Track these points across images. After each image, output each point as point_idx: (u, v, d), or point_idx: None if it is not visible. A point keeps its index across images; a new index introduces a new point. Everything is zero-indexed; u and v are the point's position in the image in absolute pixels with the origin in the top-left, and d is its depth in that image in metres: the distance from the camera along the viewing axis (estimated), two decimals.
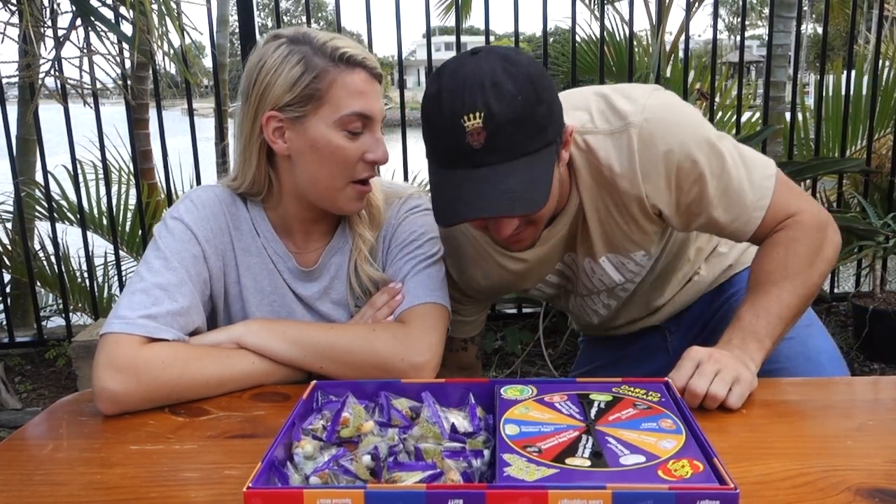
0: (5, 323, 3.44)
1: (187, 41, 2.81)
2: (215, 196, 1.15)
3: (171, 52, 2.71)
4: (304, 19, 3.72)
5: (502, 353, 3.26)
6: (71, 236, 3.50)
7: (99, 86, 2.94)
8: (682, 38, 3.48)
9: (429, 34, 3.19)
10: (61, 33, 2.67)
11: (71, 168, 3.21)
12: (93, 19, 2.50)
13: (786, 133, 3.50)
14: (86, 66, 2.80)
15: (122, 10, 2.75)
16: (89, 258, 3.33)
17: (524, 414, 0.82)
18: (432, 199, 1.03)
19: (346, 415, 0.84)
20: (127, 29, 2.79)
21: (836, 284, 3.70)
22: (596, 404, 0.84)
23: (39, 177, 3.30)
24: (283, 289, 1.17)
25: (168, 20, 2.56)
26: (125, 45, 2.75)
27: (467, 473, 0.73)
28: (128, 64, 3.06)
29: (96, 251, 3.43)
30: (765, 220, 1.12)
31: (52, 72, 2.74)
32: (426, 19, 3.19)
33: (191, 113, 3.19)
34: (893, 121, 3.61)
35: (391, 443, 0.79)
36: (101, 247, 3.53)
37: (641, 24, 12.49)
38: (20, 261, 3.33)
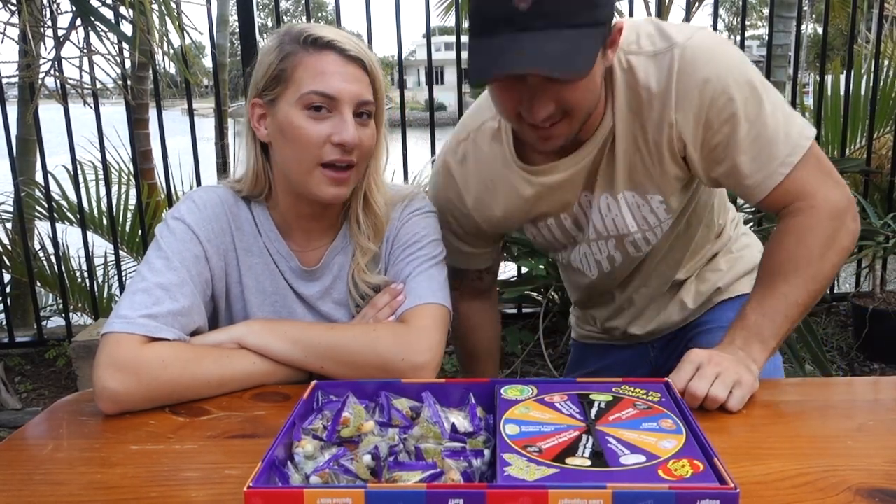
0: (5, 323, 3.44)
1: (187, 41, 2.81)
2: (217, 197, 1.15)
3: (171, 52, 2.71)
4: (304, 19, 3.72)
5: (502, 353, 3.26)
6: (71, 236, 3.51)
7: (99, 86, 2.94)
8: None
9: (429, 34, 3.19)
10: (61, 33, 2.67)
11: (71, 168, 3.21)
12: (93, 19, 2.50)
13: None
14: (86, 66, 2.81)
15: (122, 10, 2.76)
16: (89, 258, 3.33)
17: (524, 414, 0.82)
18: (469, 63, 0.99)
19: (346, 415, 0.84)
20: (127, 29, 2.79)
21: (836, 284, 3.70)
22: (596, 404, 0.84)
23: (39, 177, 3.30)
24: (284, 289, 1.17)
25: (168, 20, 2.56)
26: (125, 45, 2.75)
27: (467, 473, 0.74)
28: (128, 64, 3.07)
29: (96, 251, 3.43)
30: (784, 184, 1.07)
31: (52, 72, 2.74)
32: (426, 19, 3.20)
33: (191, 113, 3.19)
34: (893, 121, 3.61)
35: (391, 442, 0.79)
36: (101, 247, 3.54)
37: None
38: (20, 261, 3.34)
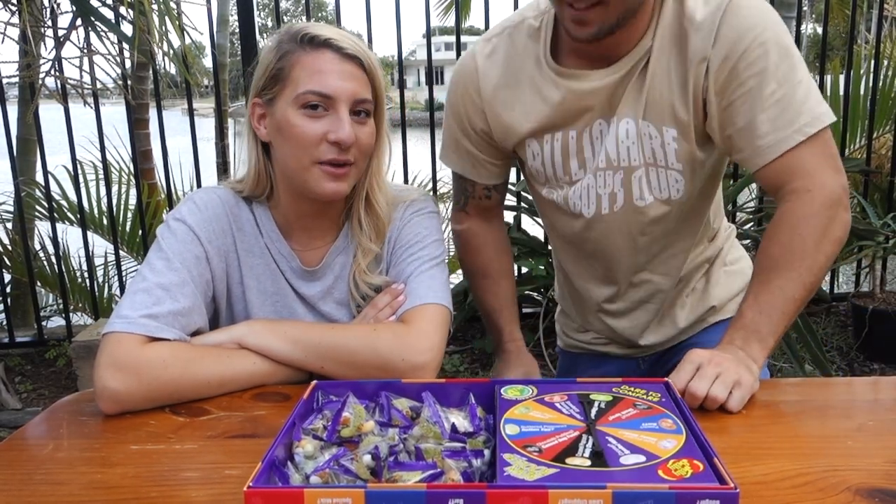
0: (5, 323, 3.44)
1: (187, 41, 2.82)
2: (218, 197, 1.15)
3: (171, 52, 2.71)
4: (304, 19, 3.73)
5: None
6: (71, 236, 3.51)
7: (99, 86, 2.94)
8: None
9: (429, 34, 3.19)
10: (61, 33, 2.67)
11: (71, 168, 3.21)
12: (93, 19, 2.50)
13: None
14: (86, 66, 2.81)
15: (123, 10, 2.76)
16: (89, 258, 3.34)
17: (524, 414, 0.82)
18: None
19: (346, 414, 0.84)
20: (127, 29, 2.80)
21: (836, 284, 3.71)
22: (596, 404, 0.84)
23: (39, 177, 3.31)
24: (285, 289, 1.17)
25: (168, 20, 2.56)
26: (125, 45, 2.75)
27: (467, 473, 0.74)
28: (128, 64, 3.07)
29: (96, 251, 3.44)
30: (792, 154, 1.07)
31: (53, 72, 2.75)
32: (426, 19, 3.20)
33: (191, 113, 3.19)
34: (893, 121, 3.61)
35: (391, 442, 0.79)
36: (101, 247, 3.54)
37: None
38: (20, 261, 3.34)
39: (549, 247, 1.53)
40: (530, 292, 3.12)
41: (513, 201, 3.09)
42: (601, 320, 1.42)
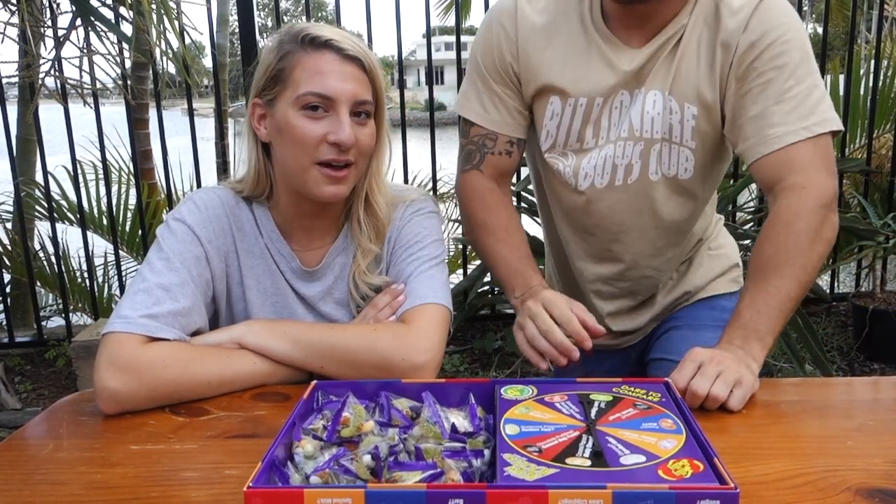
0: (5, 323, 3.45)
1: (187, 41, 2.81)
2: (218, 198, 1.15)
3: (171, 52, 2.71)
4: (304, 19, 3.73)
5: (502, 353, 3.26)
6: (71, 236, 3.51)
7: (99, 86, 2.94)
8: None
9: (429, 34, 3.19)
10: (61, 33, 2.67)
11: (71, 168, 3.21)
12: (93, 19, 2.50)
13: None
14: (86, 66, 2.81)
15: (122, 10, 2.76)
16: (89, 258, 3.34)
17: (524, 414, 0.82)
18: None
19: (346, 414, 0.84)
20: (127, 29, 2.80)
21: (837, 284, 3.70)
22: (596, 404, 0.84)
23: (39, 177, 3.31)
24: (285, 289, 1.17)
25: (167, 20, 2.56)
26: (125, 45, 2.75)
27: (467, 473, 0.74)
28: (127, 64, 3.07)
29: (96, 251, 3.44)
30: (795, 148, 1.10)
31: (52, 72, 2.75)
32: (426, 19, 3.20)
33: (191, 113, 3.19)
34: (893, 121, 3.61)
35: (391, 442, 0.79)
36: (101, 247, 3.54)
37: None
38: (20, 261, 3.34)
39: (542, 226, 1.48)
40: None
41: (512, 201, 3.08)
42: (590, 301, 1.40)
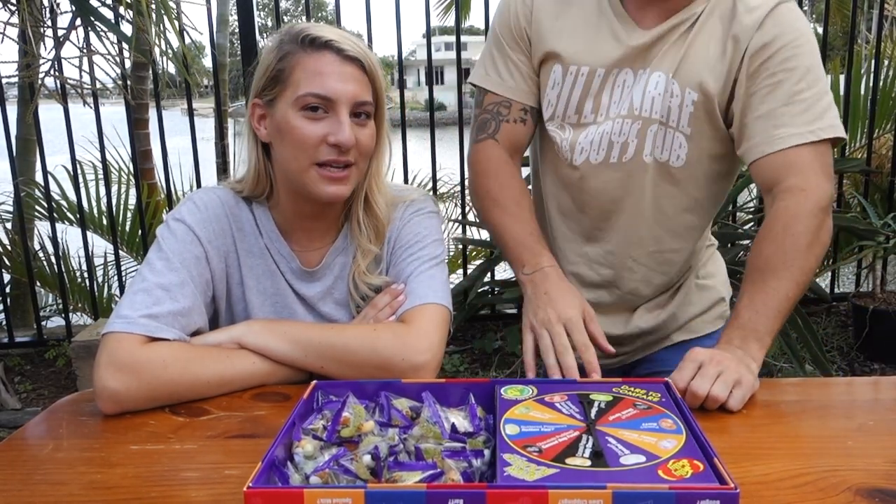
0: (5, 323, 3.45)
1: (187, 41, 2.82)
2: (218, 198, 1.15)
3: (170, 52, 2.71)
4: (304, 19, 3.72)
5: (502, 353, 3.26)
6: (71, 236, 3.51)
7: (99, 86, 2.95)
8: None
9: (429, 34, 3.19)
10: (61, 33, 2.67)
11: (71, 168, 3.21)
12: (92, 19, 2.50)
13: None
14: (86, 66, 2.81)
15: (122, 10, 2.76)
16: (89, 258, 3.34)
17: (524, 414, 0.82)
18: None
19: (346, 414, 0.84)
20: (127, 29, 2.80)
21: (837, 284, 3.70)
22: (596, 404, 0.84)
23: (39, 177, 3.31)
24: (285, 289, 1.17)
25: (166, 20, 2.56)
26: (125, 45, 2.75)
27: (467, 473, 0.74)
28: (127, 64, 3.07)
29: (96, 251, 3.44)
30: (797, 151, 1.12)
31: (52, 72, 2.75)
32: (426, 19, 3.20)
33: (191, 113, 3.19)
34: (893, 121, 3.61)
35: (391, 442, 0.79)
36: (101, 247, 3.54)
37: None
38: (20, 261, 3.34)
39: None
40: None
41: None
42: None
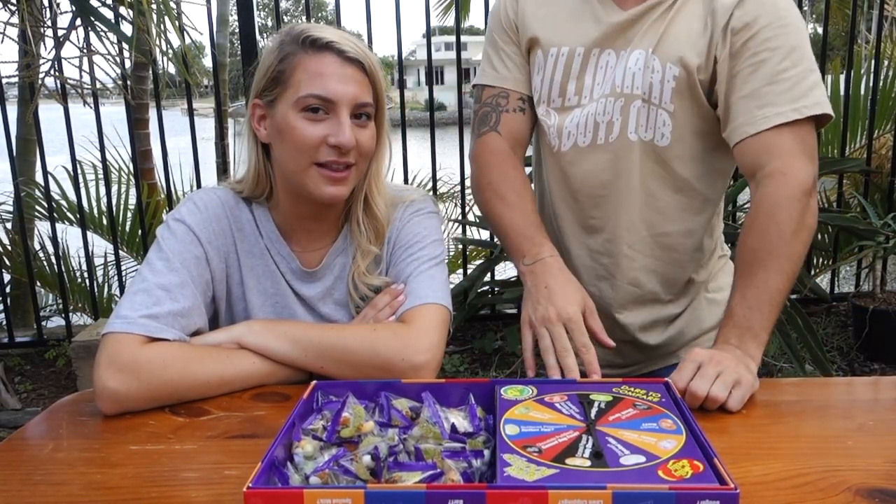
0: (5, 323, 3.45)
1: (187, 41, 2.82)
2: (218, 198, 1.15)
3: (170, 52, 2.71)
4: (304, 19, 3.72)
5: (502, 353, 3.26)
6: (71, 236, 3.51)
7: (99, 86, 2.95)
8: None
9: (429, 34, 3.19)
10: (61, 33, 2.67)
11: (71, 168, 3.21)
12: (92, 19, 2.50)
13: None
14: (86, 66, 2.81)
15: (122, 10, 2.76)
16: (89, 258, 3.34)
17: (524, 414, 0.82)
18: None
19: (346, 415, 0.84)
20: (127, 29, 2.80)
21: (837, 284, 3.70)
22: (596, 404, 0.84)
23: (39, 177, 3.31)
24: (285, 290, 1.17)
25: (167, 20, 2.56)
26: (125, 45, 2.75)
27: (467, 473, 0.73)
28: (127, 64, 3.07)
29: (96, 251, 3.44)
30: (779, 130, 1.11)
31: (52, 72, 2.75)
32: (426, 19, 3.20)
33: (191, 113, 3.19)
34: (893, 121, 3.61)
35: (391, 443, 0.79)
36: (101, 247, 3.54)
37: None
38: (20, 261, 3.34)
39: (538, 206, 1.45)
40: None
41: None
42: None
